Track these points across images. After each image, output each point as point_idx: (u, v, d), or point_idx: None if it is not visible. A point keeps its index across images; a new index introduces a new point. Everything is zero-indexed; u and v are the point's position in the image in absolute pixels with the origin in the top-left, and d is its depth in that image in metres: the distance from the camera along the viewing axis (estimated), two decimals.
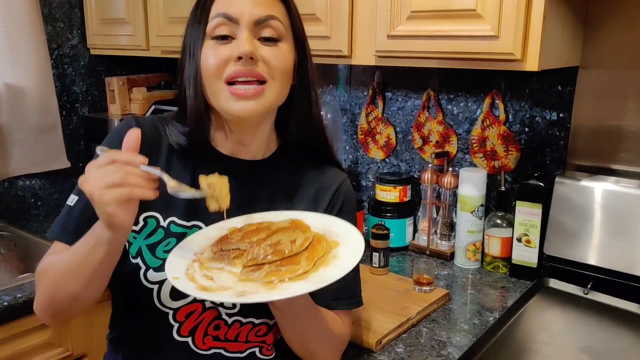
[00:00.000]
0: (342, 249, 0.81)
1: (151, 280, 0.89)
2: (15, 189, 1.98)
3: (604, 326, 1.25)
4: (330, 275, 0.74)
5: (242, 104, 0.85)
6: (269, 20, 0.86)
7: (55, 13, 2.04)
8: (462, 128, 1.63)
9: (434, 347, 1.13)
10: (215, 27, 0.86)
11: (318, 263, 0.78)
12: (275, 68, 0.87)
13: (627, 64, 1.33)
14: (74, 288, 0.83)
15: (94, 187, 0.71)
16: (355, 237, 0.82)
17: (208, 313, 0.91)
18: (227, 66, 0.85)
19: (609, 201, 1.32)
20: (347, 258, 0.78)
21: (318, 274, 0.76)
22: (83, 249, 0.80)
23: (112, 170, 0.72)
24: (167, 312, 0.90)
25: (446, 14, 1.19)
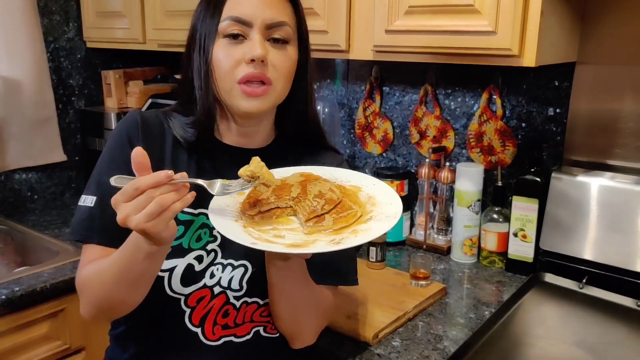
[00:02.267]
0: (367, 190, 0.85)
1: (162, 268, 0.90)
2: (12, 182, 1.97)
3: (598, 320, 1.26)
4: (391, 211, 0.77)
5: (251, 102, 0.90)
6: (281, 26, 0.91)
7: (52, 6, 2.03)
8: (459, 123, 1.64)
9: (430, 341, 1.14)
10: (227, 27, 0.89)
11: (361, 205, 0.80)
12: (282, 71, 0.92)
13: (624, 60, 1.33)
14: (124, 296, 0.86)
15: (139, 223, 0.72)
16: (370, 179, 0.86)
17: (217, 299, 0.93)
18: (240, 66, 0.89)
19: (605, 196, 1.33)
20: (383, 194, 0.82)
21: (375, 213, 0.78)
22: (131, 261, 0.81)
23: (145, 200, 0.72)
24: (179, 297, 0.92)
25: (444, 9, 1.19)
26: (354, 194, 0.84)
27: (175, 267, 0.91)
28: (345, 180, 0.89)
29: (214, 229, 0.93)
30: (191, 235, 0.94)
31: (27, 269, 1.50)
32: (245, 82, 0.89)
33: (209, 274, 0.93)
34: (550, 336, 1.18)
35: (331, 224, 0.78)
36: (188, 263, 0.92)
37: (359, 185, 0.87)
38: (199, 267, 0.93)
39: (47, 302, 1.42)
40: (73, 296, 1.48)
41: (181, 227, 0.93)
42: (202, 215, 0.95)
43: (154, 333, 0.96)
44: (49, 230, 1.78)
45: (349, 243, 0.73)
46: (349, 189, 0.86)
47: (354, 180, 0.89)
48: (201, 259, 0.93)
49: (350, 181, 0.89)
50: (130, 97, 2.15)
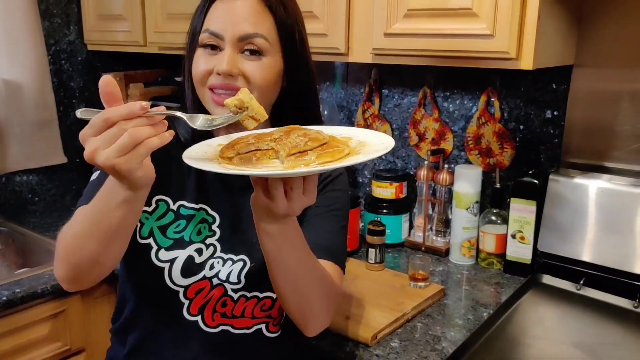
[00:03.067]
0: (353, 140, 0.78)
1: (162, 259, 0.93)
2: (13, 184, 1.98)
3: (596, 321, 1.27)
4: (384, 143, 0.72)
5: (220, 110, 0.90)
6: (252, 38, 0.90)
7: (53, 9, 2.04)
8: (457, 125, 1.65)
9: (428, 342, 1.15)
10: (204, 38, 0.92)
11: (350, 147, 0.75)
12: (255, 82, 0.91)
13: (621, 63, 1.34)
14: (94, 249, 0.80)
15: (108, 158, 0.66)
16: (359, 132, 0.80)
17: (215, 291, 0.95)
18: (211, 75, 0.91)
19: (602, 198, 1.34)
20: (375, 137, 0.77)
21: (367, 150, 0.72)
22: (104, 209, 0.76)
23: (116, 133, 0.66)
24: (178, 290, 0.94)
25: (442, 12, 1.20)
26: (344, 141, 0.77)
27: (176, 259, 0.93)
28: (336, 133, 0.81)
29: (213, 223, 0.97)
30: (192, 229, 0.96)
31: (28, 271, 1.51)
32: (213, 89, 0.91)
33: (208, 266, 0.95)
34: (548, 337, 1.19)
35: (314, 158, 0.71)
36: (188, 255, 0.94)
37: (350, 136, 0.80)
38: (199, 259, 0.95)
39: (47, 304, 1.43)
40: (74, 298, 1.49)
41: (183, 221, 0.96)
42: (202, 210, 0.98)
43: (153, 323, 0.98)
44: (49, 232, 1.79)
45: (333, 165, 0.69)
46: (339, 138, 0.79)
47: (345, 132, 0.82)
48: (201, 251, 0.95)
49: (341, 134, 0.81)
50: (131, 100, 2.16)
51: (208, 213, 0.98)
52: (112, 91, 0.68)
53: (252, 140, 0.75)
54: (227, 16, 0.91)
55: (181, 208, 0.97)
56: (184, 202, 0.97)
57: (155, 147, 0.68)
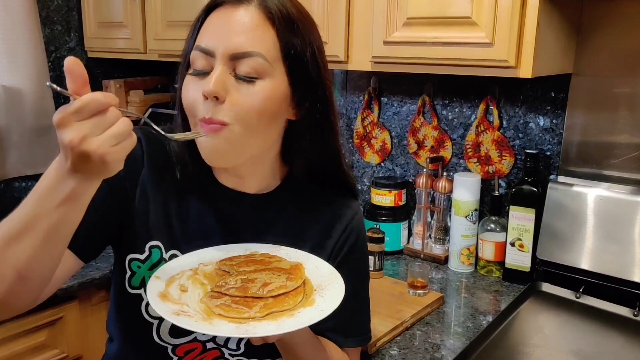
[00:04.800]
0: (305, 311, 0.75)
1: (152, 315, 0.85)
2: (12, 190, 1.98)
3: (595, 329, 1.27)
4: (263, 330, 0.70)
5: (208, 143, 0.78)
6: (247, 58, 0.76)
7: (53, 16, 2.05)
8: (456, 133, 1.65)
9: (427, 350, 1.14)
10: (194, 59, 0.79)
11: (272, 315, 0.73)
12: (240, 112, 0.76)
13: (620, 72, 1.35)
14: (25, 260, 0.66)
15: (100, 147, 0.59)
16: (329, 304, 0.74)
17: (209, 354, 0.88)
18: (198, 103, 0.78)
19: (601, 207, 1.34)
20: (296, 319, 0.72)
21: (257, 324, 0.71)
22: (40, 208, 0.65)
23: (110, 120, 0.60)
24: (167, 346, 0.87)
25: (441, 20, 1.21)
26: (291, 305, 0.76)
27: None
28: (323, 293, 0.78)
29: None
30: None
31: None
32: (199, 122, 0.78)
33: None
34: (547, 345, 1.19)
35: (215, 305, 0.74)
36: None
37: (316, 301, 0.76)
38: None
39: (45, 311, 1.42)
40: (71, 304, 1.48)
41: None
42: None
43: None
44: None
45: (180, 321, 0.69)
46: (309, 299, 0.78)
47: (327, 296, 0.77)
48: None
49: (324, 296, 0.77)
50: (131, 107, 2.17)
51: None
52: (82, 74, 0.60)
53: (238, 262, 0.83)
54: (220, 29, 0.77)
55: (173, 258, 0.86)
56: (177, 252, 0.86)
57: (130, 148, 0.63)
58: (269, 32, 0.78)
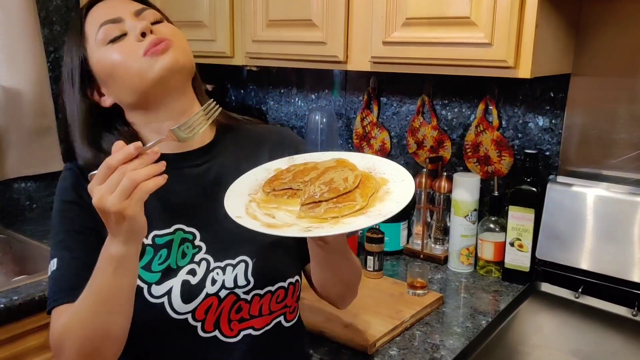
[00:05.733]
0: (392, 185, 0.82)
1: (157, 295, 0.88)
2: (10, 191, 1.98)
3: (594, 329, 1.27)
4: (389, 209, 0.76)
5: (161, 61, 0.87)
6: (147, 10, 0.92)
7: (52, 16, 2.05)
8: (456, 133, 1.65)
9: (427, 350, 1.14)
10: (103, 33, 0.89)
11: (372, 199, 0.79)
12: (173, 32, 0.92)
13: (618, 72, 1.35)
14: (107, 326, 0.80)
15: (114, 204, 0.71)
16: (402, 174, 0.84)
17: (226, 301, 0.91)
18: (137, 48, 0.88)
19: (600, 207, 1.34)
20: (400, 193, 0.80)
21: (376, 209, 0.77)
22: (103, 281, 0.78)
23: (117, 178, 0.72)
24: (185, 317, 0.89)
25: (441, 21, 1.21)
26: (373, 187, 0.83)
27: (172, 288, 0.88)
28: (381, 171, 0.87)
29: (194, 239, 0.92)
30: (175, 255, 0.90)
31: (26, 278, 1.50)
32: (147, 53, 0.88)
33: (209, 282, 0.90)
34: (546, 345, 1.19)
35: (322, 212, 0.78)
36: (183, 280, 0.89)
37: (388, 179, 0.85)
38: (195, 279, 0.90)
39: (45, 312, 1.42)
40: None
41: (164, 251, 0.90)
42: (179, 231, 0.92)
43: (166, 354, 0.92)
44: (47, 239, 1.78)
45: (317, 232, 0.75)
46: (377, 180, 0.85)
47: (389, 172, 0.86)
48: (194, 272, 0.90)
49: (385, 173, 0.86)
50: None
51: (185, 231, 0.92)
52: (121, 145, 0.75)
53: (287, 179, 0.86)
54: (112, 4, 0.91)
55: (156, 238, 0.90)
56: (156, 232, 0.91)
57: (151, 190, 0.73)
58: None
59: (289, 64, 1.55)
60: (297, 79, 2.01)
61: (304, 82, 1.99)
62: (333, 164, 0.87)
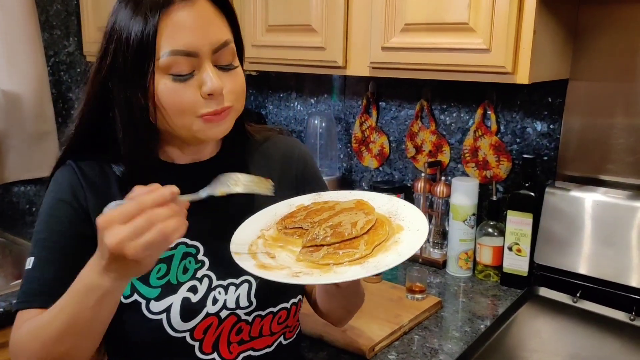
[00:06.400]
0: (404, 234, 0.79)
1: (155, 312, 0.85)
2: (10, 195, 1.98)
3: (592, 334, 1.27)
4: (387, 262, 0.72)
5: (216, 129, 0.84)
6: (225, 47, 0.83)
7: (52, 20, 2.06)
8: (454, 138, 1.66)
9: (425, 355, 1.15)
10: (171, 63, 0.79)
11: (377, 248, 0.76)
12: (238, 94, 0.86)
13: (616, 77, 1.36)
14: (70, 350, 0.76)
15: (137, 252, 0.65)
16: (420, 223, 0.79)
17: (227, 322, 0.88)
18: (197, 103, 0.81)
19: (598, 211, 1.34)
20: (407, 245, 0.76)
21: (375, 260, 0.74)
22: (81, 305, 0.72)
23: (145, 226, 0.65)
24: (183, 335, 0.86)
25: (439, 27, 1.22)
26: (385, 235, 0.79)
27: (171, 305, 0.85)
28: (401, 217, 0.83)
29: (197, 253, 0.89)
30: (176, 270, 0.87)
31: None
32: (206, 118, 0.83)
33: (210, 301, 0.87)
34: (544, 350, 1.19)
35: (320, 257, 0.76)
36: (183, 297, 0.86)
37: (404, 227, 0.80)
38: (196, 297, 0.87)
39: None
40: None
41: (163, 265, 0.86)
42: (181, 245, 0.89)
43: None
44: None
45: (304, 280, 0.73)
46: (393, 227, 0.81)
47: (408, 219, 0.82)
48: (195, 289, 0.87)
49: (404, 220, 0.82)
50: None
51: (188, 245, 0.89)
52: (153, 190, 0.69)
53: (299, 218, 0.84)
54: (194, 27, 0.79)
55: None
56: None
57: (175, 241, 0.69)
58: (223, 18, 0.85)
59: (288, 69, 1.55)
60: (296, 83, 2.01)
61: (303, 86, 1.99)
62: (351, 205, 0.84)
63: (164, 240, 0.67)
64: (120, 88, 0.82)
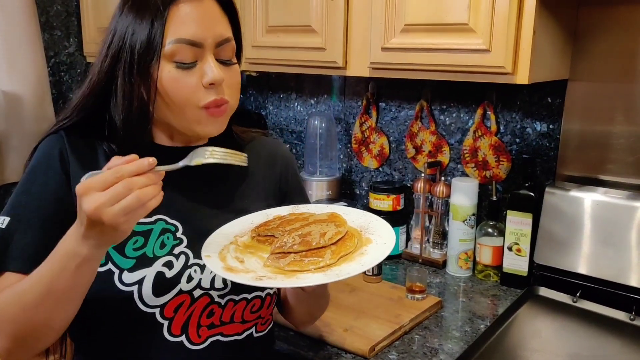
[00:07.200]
0: (371, 247, 0.82)
1: (127, 283, 0.84)
2: (10, 195, 1.98)
3: (592, 334, 1.27)
4: (348, 270, 0.75)
5: (215, 125, 0.89)
6: (227, 43, 0.87)
7: (53, 21, 2.06)
8: (454, 138, 1.66)
9: (426, 354, 1.15)
10: (176, 51, 0.83)
11: (343, 258, 0.79)
12: (235, 88, 0.90)
13: (615, 77, 1.36)
14: (49, 317, 0.77)
15: (113, 218, 0.67)
16: (387, 237, 0.82)
17: (199, 302, 0.88)
18: (199, 92, 0.84)
19: (598, 211, 1.35)
20: (371, 256, 0.79)
21: (338, 268, 0.77)
22: (60, 273, 0.73)
23: (122, 192, 0.67)
24: (153, 311, 0.85)
25: (439, 27, 1.22)
26: (352, 247, 0.82)
27: (144, 278, 0.85)
28: (371, 232, 0.86)
29: (176, 231, 0.90)
30: (153, 244, 0.88)
31: None
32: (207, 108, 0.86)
33: (185, 279, 0.87)
34: (544, 349, 1.19)
35: (286, 263, 0.78)
36: (157, 271, 0.86)
37: (372, 240, 0.84)
38: (171, 273, 0.87)
39: None
40: None
41: (141, 238, 0.87)
42: (160, 221, 0.89)
43: (127, 353, 0.88)
44: None
45: (266, 283, 0.75)
46: (362, 240, 0.84)
47: (377, 233, 0.85)
48: (171, 264, 0.87)
49: (373, 234, 0.85)
50: None
51: (168, 222, 0.90)
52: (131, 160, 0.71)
53: (273, 226, 0.87)
54: (200, 21, 0.84)
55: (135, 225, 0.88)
56: None
57: (152, 209, 0.70)
58: (226, 18, 0.90)
59: (288, 70, 1.56)
60: (296, 84, 2.02)
61: (303, 87, 2.00)
62: (324, 217, 0.87)
63: (141, 206, 0.69)
64: (125, 75, 0.84)
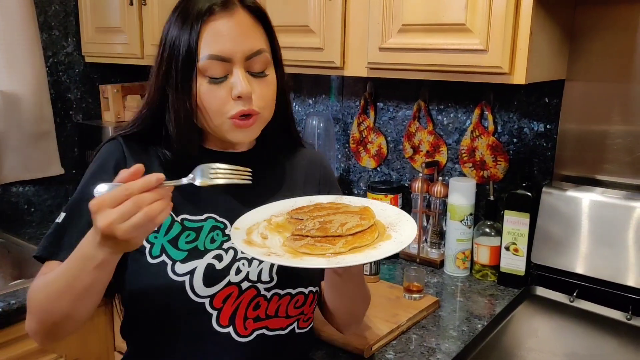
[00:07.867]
0: (386, 243, 0.83)
1: (180, 273, 0.89)
2: (9, 195, 1.98)
3: (589, 333, 1.28)
4: (352, 259, 0.78)
5: (243, 133, 0.93)
6: (257, 56, 0.90)
7: (51, 21, 2.06)
8: (451, 138, 1.66)
9: (423, 354, 1.15)
10: (208, 66, 0.88)
11: (354, 250, 0.80)
12: (267, 100, 0.93)
13: (612, 77, 1.36)
14: (69, 309, 0.83)
15: (125, 233, 0.71)
16: (406, 237, 0.83)
17: (246, 294, 0.92)
18: (228, 104, 0.89)
19: (595, 211, 1.35)
20: (380, 251, 0.80)
21: (343, 257, 0.78)
22: (79, 271, 0.78)
23: (132, 209, 0.71)
24: (203, 301, 0.90)
25: (436, 27, 1.22)
26: (370, 240, 0.82)
27: (196, 269, 0.90)
28: (395, 229, 0.86)
29: (225, 228, 0.95)
30: (204, 239, 0.93)
31: (23, 282, 1.51)
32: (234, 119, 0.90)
33: (233, 271, 0.92)
34: (541, 349, 1.20)
35: (299, 246, 0.81)
36: (208, 263, 0.91)
37: (392, 236, 0.84)
38: (220, 265, 0.91)
39: None
40: None
41: (192, 233, 0.93)
42: (210, 219, 0.95)
43: (178, 344, 0.92)
44: None
45: (273, 259, 0.78)
46: (384, 236, 0.84)
47: (400, 231, 0.85)
48: (220, 257, 0.92)
49: (397, 232, 0.85)
50: (128, 111, 2.17)
51: (217, 220, 0.95)
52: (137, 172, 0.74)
53: (305, 210, 0.91)
54: (229, 36, 0.88)
55: (185, 221, 0.93)
56: (186, 216, 0.94)
57: (161, 223, 0.74)
58: (260, 29, 0.93)
59: (286, 70, 1.55)
60: (294, 84, 2.02)
61: (301, 87, 2.00)
62: (355, 210, 0.89)
63: (150, 221, 0.72)
64: (173, 92, 0.90)
